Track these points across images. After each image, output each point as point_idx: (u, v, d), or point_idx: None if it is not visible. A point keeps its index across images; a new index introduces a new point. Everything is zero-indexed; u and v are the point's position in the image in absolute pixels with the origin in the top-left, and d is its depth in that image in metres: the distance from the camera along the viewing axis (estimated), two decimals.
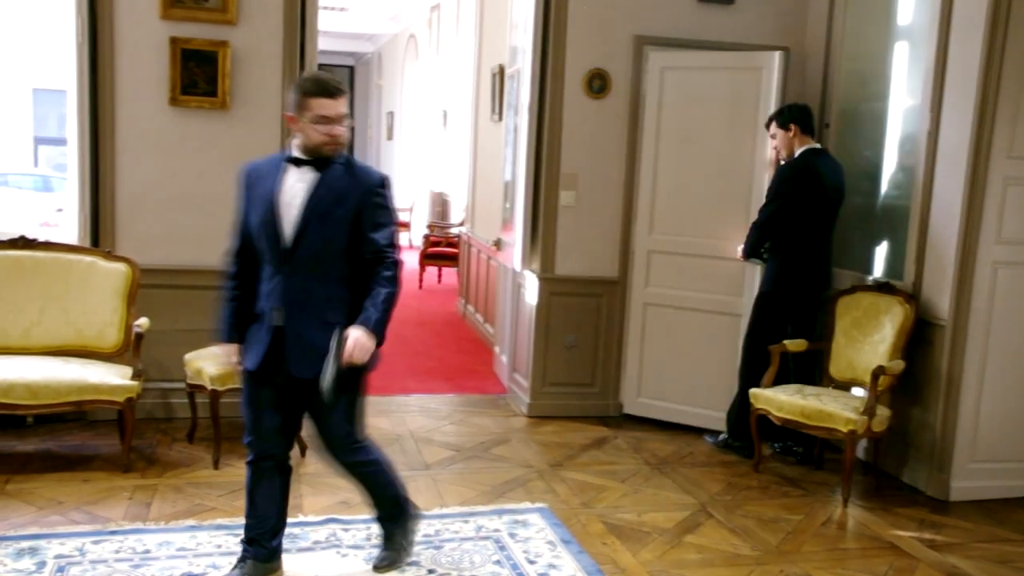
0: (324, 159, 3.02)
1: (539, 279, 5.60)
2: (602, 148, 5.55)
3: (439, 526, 3.91)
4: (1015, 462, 4.68)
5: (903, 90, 5.09)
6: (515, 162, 6.03)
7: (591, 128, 5.52)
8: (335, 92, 2.98)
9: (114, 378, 4.34)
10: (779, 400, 4.66)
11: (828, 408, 4.48)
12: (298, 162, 3.04)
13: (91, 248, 4.84)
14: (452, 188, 12.56)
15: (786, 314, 5.01)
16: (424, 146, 15.50)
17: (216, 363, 4.20)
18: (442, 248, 10.81)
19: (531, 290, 5.72)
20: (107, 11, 4.81)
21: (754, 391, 4.81)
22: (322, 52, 5.66)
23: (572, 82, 5.46)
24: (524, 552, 3.70)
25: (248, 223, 3.09)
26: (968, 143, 4.41)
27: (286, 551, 3.45)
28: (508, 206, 6.46)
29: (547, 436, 5.31)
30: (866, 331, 4.80)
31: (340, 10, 16.77)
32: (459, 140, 11.41)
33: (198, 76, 4.95)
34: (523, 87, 5.72)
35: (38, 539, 3.57)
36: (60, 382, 4.23)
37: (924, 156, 4.67)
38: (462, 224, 10.12)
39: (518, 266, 5.86)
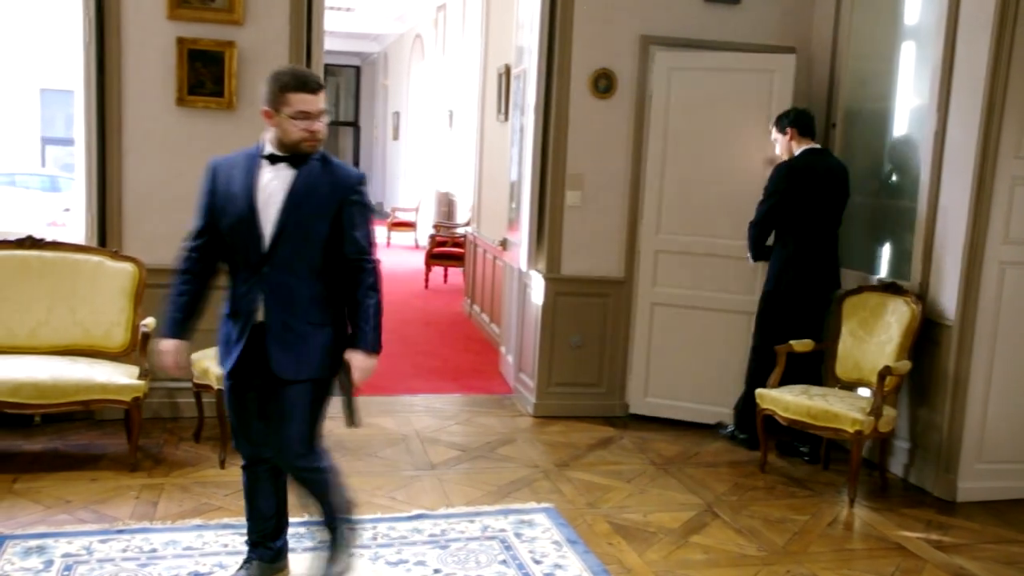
0: (300, 156, 2.94)
1: (545, 279, 5.60)
2: (608, 148, 5.55)
3: (445, 526, 3.91)
4: (1022, 463, 4.67)
5: (910, 90, 5.08)
6: (521, 162, 6.03)
7: (597, 128, 5.52)
8: (316, 87, 2.90)
9: (121, 378, 4.35)
10: (785, 400, 4.65)
11: (834, 408, 4.47)
12: (273, 159, 2.95)
13: (98, 248, 4.86)
14: (458, 188, 12.57)
15: (790, 312, 5.02)
16: (430, 146, 15.51)
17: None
18: (448, 248, 10.81)
19: (537, 290, 5.72)
20: (114, 12, 4.82)
21: (760, 391, 4.81)
22: (328, 52, 5.66)
23: (578, 82, 5.46)
24: (530, 552, 3.70)
25: (218, 221, 2.99)
26: (975, 143, 4.40)
27: (292, 550, 3.45)
28: (514, 206, 6.46)
29: (553, 436, 5.31)
30: (872, 331, 4.79)
31: (346, 10, 16.80)
32: (465, 140, 11.42)
33: (205, 76, 4.96)
34: (529, 87, 5.72)
35: (45, 538, 3.58)
36: (67, 382, 4.24)
37: (931, 156, 4.66)
38: (468, 224, 10.13)
39: (524, 266, 5.86)
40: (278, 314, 2.95)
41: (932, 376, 4.66)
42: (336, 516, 3.17)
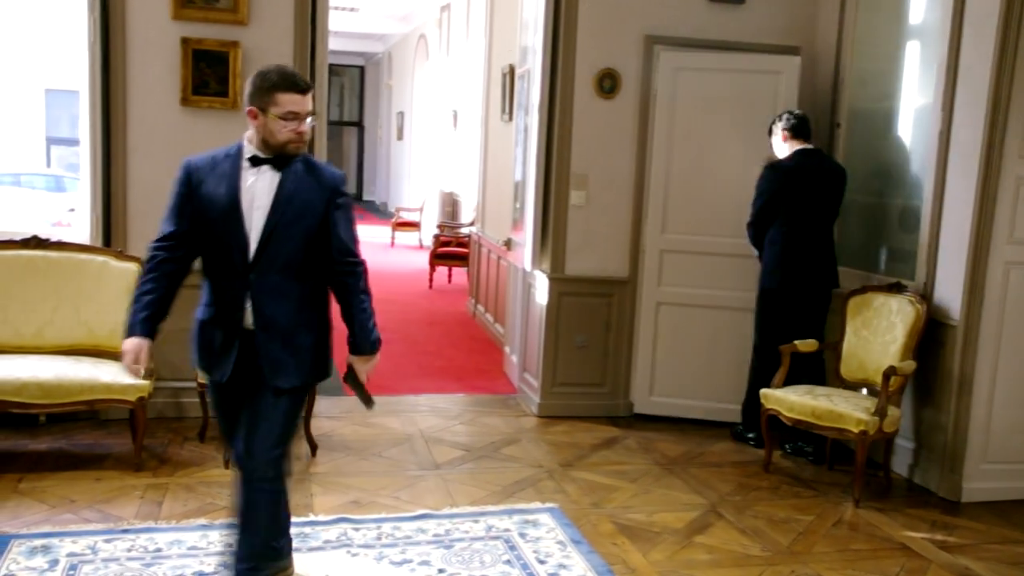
0: (284, 158, 2.86)
1: (549, 279, 5.60)
2: (612, 148, 5.55)
3: (449, 526, 3.91)
4: None
5: (915, 89, 5.07)
6: (525, 162, 6.03)
7: (601, 128, 5.51)
8: (305, 87, 2.83)
9: (125, 377, 4.34)
10: (790, 400, 4.65)
11: (839, 408, 4.46)
12: (256, 160, 2.87)
13: (103, 248, 4.87)
14: (462, 188, 12.58)
15: (787, 310, 5.05)
16: (434, 146, 15.51)
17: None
18: (452, 248, 10.82)
19: (541, 290, 5.72)
20: (119, 12, 4.83)
21: (764, 391, 4.81)
22: (332, 52, 5.68)
23: (582, 82, 5.46)
24: (534, 552, 3.70)
25: (196, 224, 2.89)
26: (980, 143, 4.38)
27: (296, 550, 3.46)
28: (518, 206, 6.45)
29: (557, 436, 5.31)
30: (877, 331, 4.78)
31: (350, 10, 16.82)
32: (469, 140, 11.42)
33: (209, 76, 4.97)
34: (533, 87, 5.72)
35: (50, 537, 3.59)
36: (72, 381, 4.25)
37: (936, 156, 4.65)
38: (472, 224, 10.13)
39: (528, 266, 5.86)
40: (267, 320, 2.88)
41: (937, 376, 4.65)
42: (268, 547, 3.02)
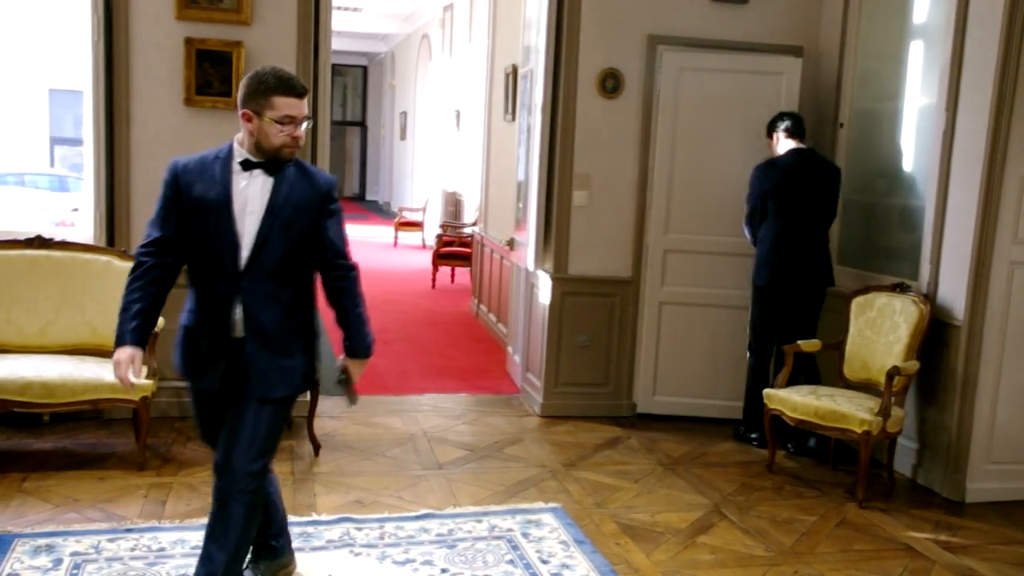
0: (277, 162, 2.79)
1: (552, 279, 5.60)
2: (615, 148, 5.55)
3: (452, 525, 3.91)
4: None
5: (918, 89, 5.06)
6: (528, 162, 6.03)
7: (604, 128, 5.51)
8: (302, 91, 2.77)
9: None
10: (793, 401, 4.65)
11: (842, 409, 4.46)
12: (248, 164, 2.80)
13: (107, 247, 4.88)
14: (465, 188, 12.58)
15: (777, 307, 5.10)
16: (437, 146, 15.53)
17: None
18: (455, 248, 10.82)
19: (544, 290, 5.72)
20: (122, 12, 4.84)
21: (768, 392, 4.81)
22: (335, 52, 5.68)
23: (585, 82, 5.46)
24: (537, 552, 3.70)
25: (185, 228, 2.81)
26: (984, 142, 4.38)
27: (299, 550, 3.46)
28: (521, 206, 6.45)
29: (560, 436, 5.31)
30: (881, 331, 4.78)
31: (354, 10, 16.84)
32: (472, 140, 11.42)
33: (213, 76, 4.98)
34: (536, 87, 5.72)
35: (54, 536, 3.59)
36: (76, 381, 4.26)
37: (940, 156, 4.64)
38: (475, 224, 10.13)
39: (531, 266, 5.86)
40: (258, 328, 2.82)
41: (941, 376, 4.65)
42: (232, 563, 2.90)
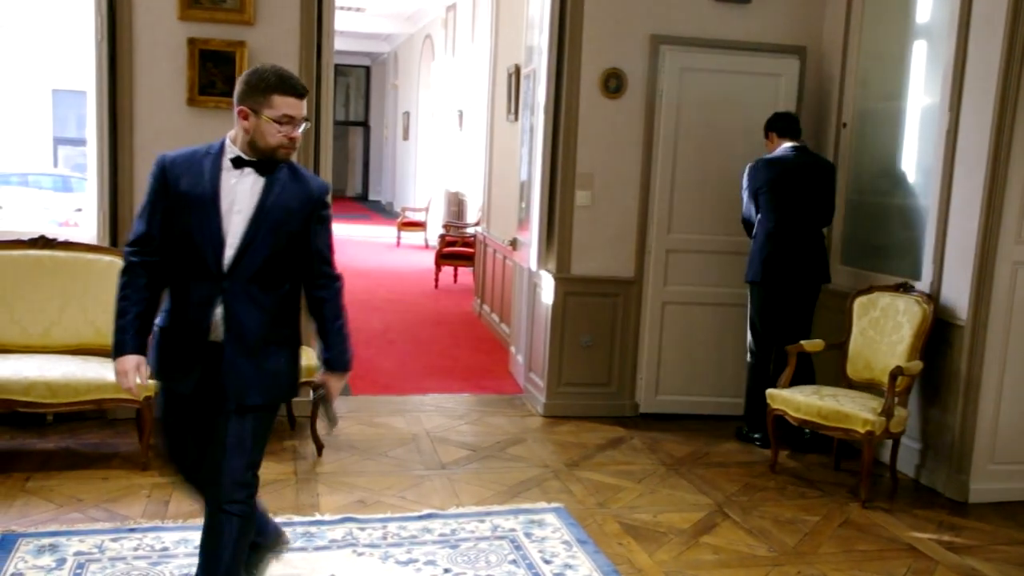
0: (270, 162, 2.70)
1: (555, 279, 5.60)
2: (618, 148, 5.54)
3: (455, 525, 3.92)
4: None
5: (921, 89, 5.06)
6: (531, 162, 6.03)
7: (607, 128, 5.51)
8: (303, 91, 2.70)
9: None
10: (796, 401, 4.64)
11: (845, 409, 4.45)
12: (239, 162, 2.71)
13: (110, 248, 4.88)
14: (468, 188, 12.58)
15: (770, 303, 5.13)
16: (440, 146, 15.53)
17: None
18: (458, 248, 10.82)
19: (547, 290, 5.72)
20: (126, 13, 4.84)
21: (771, 392, 4.81)
22: (338, 52, 5.68)
23: (588, 82, 5.45)
24: (540, 552, 3.70)
25: (170, 226, 2.72)
26: (988, 142, 4.37)
27: (302, 549, 3.47)
28: (524, 206, 6.45)
29: (563, 436, 5.30)
30: (884, 331, 4.77)
31: (357, 10, 16.85)
32: (475, 140, 11.43)
33: (216, 76, 4.98)
34: (539, 87, 5.72)
35: (58, 536, 3.60)
36: (80, 381, 4.26)
37: (943, 155, 4.64)
38: (478, 224, 10.13)
39: (534, 266, 5.86)
40: (238, 332, 2.70)
41: (944, 376, 4.64)
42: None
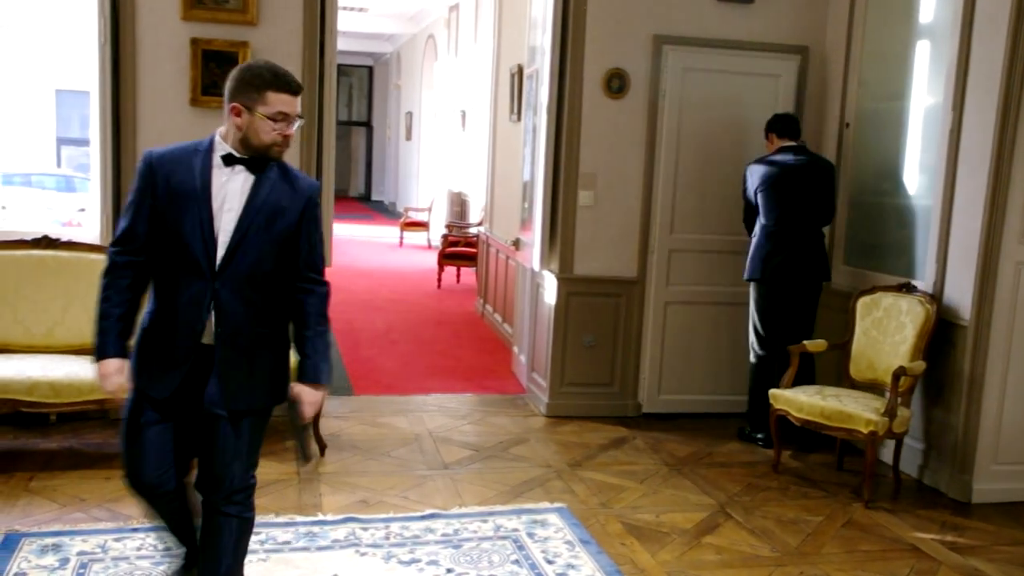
0: (262, 160, 2.64)
1: (557, 279, 5.60)
2: (621, 148, 5.54)
3: (458, 525, 3.92)
4: None
5: (924, 89, 5.05)
6: (534, 162, 6.03)
7: (610, 128, 5.51)
8: (298, 88, 2.65)
9: None
10: (799, 401, 4.64)
11: (848, 409, 4.45)
12: (230, 159, 2.63)
13: None
14: (470, 188, 12.59)
15: (770, 301, 5.14)
16: (443, 146, 15.54)
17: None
18: (460, 248, 10.82)
19: (550, 290, 5.72)
20: (129, 13, 4.85)
21: (774, 392, 4.80)
22: (341, 52, 5.68)
23: (591, 82, 5.45)
24: (543, 552, 3.70)
25: (158, 224, 2.63)
26: (991, 141, 4.36)
27: (305, 549, 3.47)
28: (527, 206, 6.45)
29: (566, 436, 5.30)
30: (887, 332, 4.77)
31: (359, 11, 16.86)
32: (478, 140, 11.43)
33: (218, 77, 4.97)
34: (542, 87, 5.71)
35: (61, 536, 3.60)
36: (83, 381, 4.27)
37: (946, 155, 4.63)
38: (480, 224, 10.13)
39: (537, 266, 5.85)
40: (229, 333, 2.64)
41: (947, 377, 4.64)
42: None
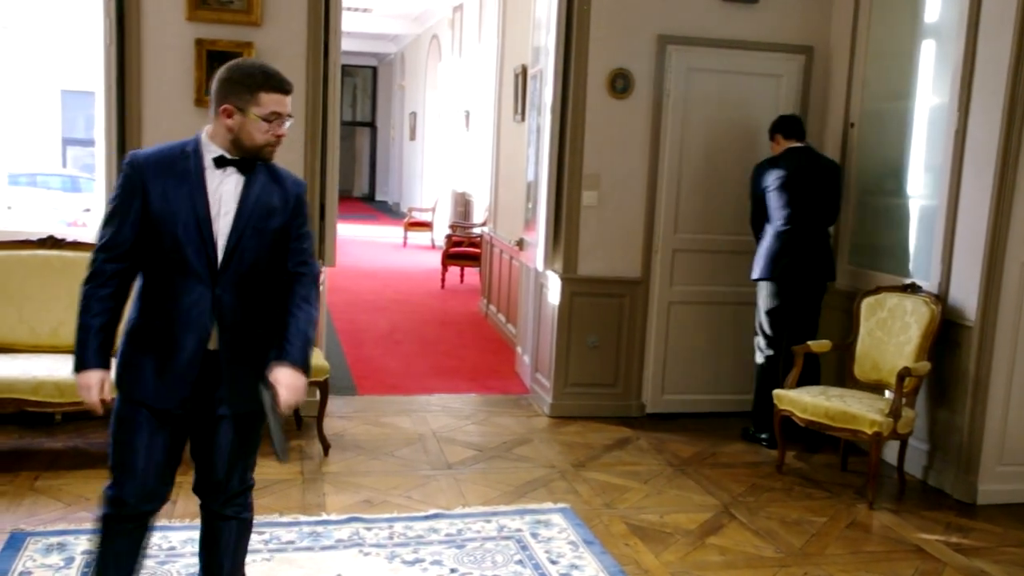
0: (253, 160, 2.59)
1: (561, 279, 5.60)
2: (625, 148, 5.54)
3: (461, 525, 3.92)
4: None
5: (930, 89, 5.04)
6: (538, 162, 6.03)
7: (614, 128, 5.51)
8: (290, 87, 2.59)
9: None
10: (803, 401, 4.63)
11: (852, 410, 4.44)
12: (222, 161, 2.58)
13: None
14: (474, 188, 12.59)
15: (775, 301, 5.14)
16: (447, 146, 15.54)
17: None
18: (464, 248, 10.82)
19: (553, 290, 5.72)
20: (134, 14, 4.86)
21: (778, 392, 4.80)
22: (345, 53, 5.68)
23: (595, 82, 5.45)
24: (546, 552, 3.70)
25: (150, 231, 2.57)
26: (996, 142, 4.35)
27: (308, 549, 3.47)
28: (530, 206, 6.45)
29: (569, 436, 5.30)
30: (891, 332, 4.76)
31: (363, 11, 16.87)
32: (482, 140, 11.43)
33: None
34: (546, 87, 5.72)
35: (66, 535, 3.62)
36: None
37: (951, 155, 4.62)
38: (484, 224, 10.13)
39: (540, 266, 5.86)
40: (232, 337, 2.60)
41: (952, 377, 4.63)
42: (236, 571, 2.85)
